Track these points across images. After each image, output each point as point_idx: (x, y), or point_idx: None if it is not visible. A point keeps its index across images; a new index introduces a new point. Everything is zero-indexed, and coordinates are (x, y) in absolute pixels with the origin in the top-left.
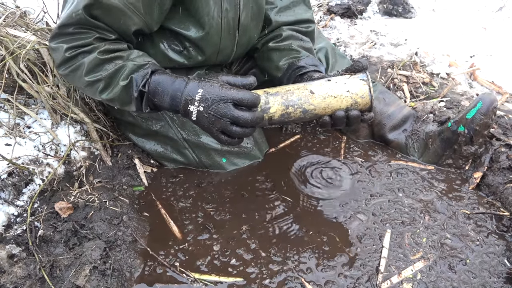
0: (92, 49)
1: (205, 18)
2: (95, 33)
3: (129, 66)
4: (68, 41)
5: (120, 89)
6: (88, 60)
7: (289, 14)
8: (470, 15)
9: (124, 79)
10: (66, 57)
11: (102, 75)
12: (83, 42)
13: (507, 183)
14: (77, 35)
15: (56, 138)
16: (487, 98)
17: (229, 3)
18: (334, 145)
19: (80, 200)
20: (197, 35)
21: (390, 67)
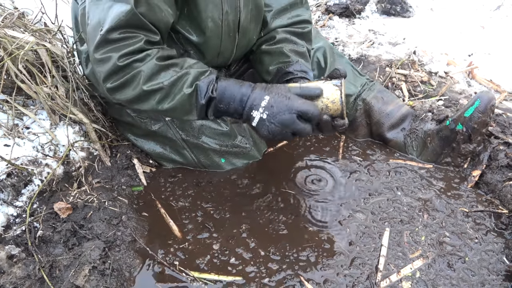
0: (145, 56)
1: (206, 22)
2: (142, 36)
3: (192, 73)
4: (118, 49)
5: (184, 97)
6: (147, 67)
7: (285, 17)
8: (468, 13)
9: (188, 86)
10: (119, 66)
11: (164, 84)
12: (134, 48)
13: (506, 181)
14: (126, 40)
15: (55, 139)
16: (485, 96)
17: (229, 5)
18: (332, 144)
19: (79, 201)
20: (199, 40)
21: (389, 66)
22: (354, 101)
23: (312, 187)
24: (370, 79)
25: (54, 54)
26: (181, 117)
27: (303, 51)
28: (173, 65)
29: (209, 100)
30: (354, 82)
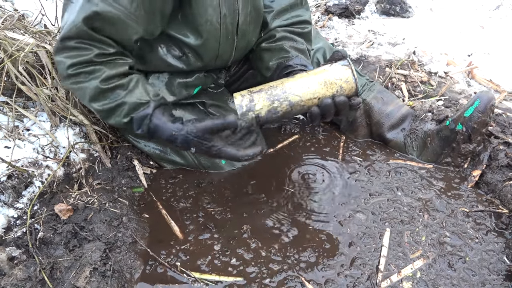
0: (92, 70)
1: (203, 25)
2: (95, 49)
3: (129, 103)
4: (70, 57)
5: (121, 123)
6: (90, 87)
7: (285, 17)
8: (468, 13)
9: (125, 116)
10: (69, 73)
11: (104, 108)
12: (83, 59)
13: (506, 180)
14: (78, 50)
15: (55, 140)
16: (485, 96)
17: (227, 8)
18: (333, 144)
19: (80, 202)
20: (196, 43)
21: (388, 67)
22: None
23: (312, 187)
24: (370, 80)
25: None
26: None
27: (303, 48)
28: (118, 86)
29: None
30: None
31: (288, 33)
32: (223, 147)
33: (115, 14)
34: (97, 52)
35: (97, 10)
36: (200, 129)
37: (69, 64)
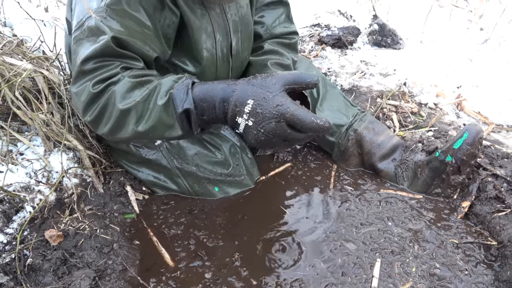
0: (120, 78)
1: (201, 52)
2: (119, 62)
3: (165, 83)
4: (93, 78)
5: (159, 109)
6: (119, 87)
7: (275, 29)
8: (457, 46)
9: (162, 97)
10: (93, 93)
11: (137, 100)
12: (109, 74)
13: (495, 212)
14: (101, 69)
15: (49, 165)
16: (473, 129)
17: (220, 33)
18: (324, 173)
19: (71, 228)
20: (196, 70)
21: (380, 97)
22: (346, 131)
23: (304, 216)
24: (362, 110)
25: (51, 81)
26: (166, 136)
27: (288, 64)
28: (147, 81)
29: (186, 111)
30: (346, 112)
31: (276, 45)
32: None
33: (136, 31)
34: (122, 65)
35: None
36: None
37: (94, 82)
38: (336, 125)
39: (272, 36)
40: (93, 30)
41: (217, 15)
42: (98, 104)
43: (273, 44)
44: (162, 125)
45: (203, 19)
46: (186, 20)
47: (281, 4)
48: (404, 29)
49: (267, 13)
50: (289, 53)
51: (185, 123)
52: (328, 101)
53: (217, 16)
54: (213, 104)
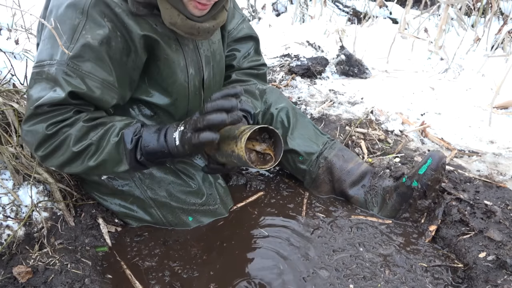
0: (74, 121)
1: (172, 86)
2: (73, 107)
3: (118, 125)
4: (47, 119)
5: (111, 146)
6: (75, 130)
7: (245, 61)
8: (419, 76)
9: (115, 136)
10: (47, 134)
11: (92, 139)
12: (63, 117)
13: (460, 235)
14: (54, 111)
15: (17, 199)
16: (436, 155)
17: (193, 67)
18: (296, 201)
19: (40, 264)
20: (166, 102)
21: (348, 125)
22: (316, 159)
23: (276, 244)
24: (331, 138)
25: (21, 114)
26: (112, 169)
27: (252, 90)
28: (102, 123)
29: (136, 143)
30: (316, 140)
31: (243, 75)
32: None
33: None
34: (75, 109)
35: (75, 90)
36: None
37: (48, 124)
38: (306, 153)
39: (241, 69)
40: (52, 78)
41: (191, 51)
42: (51, 143)
43: (240, 74)
44: (111, 159)
45: (177, 53)
46: (160, 54)
47: (251, 39)
48: (370, 59)
49: (238, 47)
50: (257, 82)
51: (133, 157)
52: (298, 130)
53: (191, 51)
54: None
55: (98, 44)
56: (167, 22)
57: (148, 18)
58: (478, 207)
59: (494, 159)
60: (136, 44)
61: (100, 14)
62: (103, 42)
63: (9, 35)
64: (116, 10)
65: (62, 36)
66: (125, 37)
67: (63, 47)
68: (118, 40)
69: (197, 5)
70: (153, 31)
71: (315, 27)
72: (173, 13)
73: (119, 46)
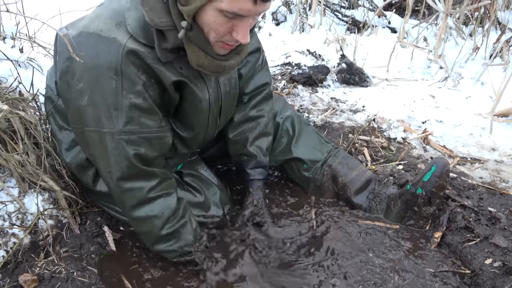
0: (153, 208)
1: (195, 121)
2: (145, 183)
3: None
4: (130, 198)
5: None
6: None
7: (249, 84)
8: (419, 84)
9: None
10: (148, 197)
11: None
12: (141, 198)
13: (465, 242)
14: (134, 191)
15: (23, 207)
16: (440, 162)
17: (214, 97)
18: (303, 206)
19: (46, 272)
20: (188, 135)
21: (351, 133)
22: (321, 167)
23: (287, 252)
24: (335, 146)
25: (27, 122)
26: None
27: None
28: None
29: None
30: (320, 148)
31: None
32: None
33: (152, 137)
34: (146, 189)
35: (139, 153)
36: None
37: (149, 189)
38: (311, 161)
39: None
40: (117, 150)
41: (212, 88)
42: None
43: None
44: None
45: (202, 89)
46: (187, 95)
47: (257, 52)
48: (370, 67)
49: (243, 64)
50: (264, 108)
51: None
52: (303, 138)
53: (212, 88)
54: None
55: (142, 99)
56: (194, 64)
57: (173, 63)
58: (482, 213)
59: (496, 166)
60: (169, 90)
61: (134, 70)
62: (145, 97)
63: (13, 43)
64: (147, 60)
65: (109, 103)
66: (160, 83)
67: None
68: (154, 87)
69: (224, 46)
70: (180, 75)
71: (315, 36)
72: (200, 55)
73: (156, 92)
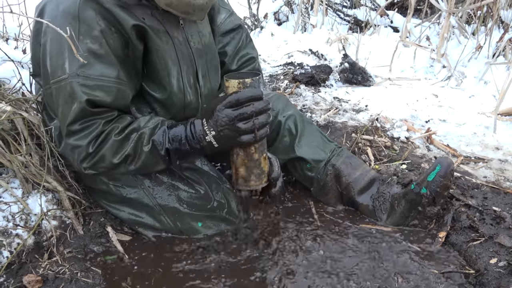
0: (106, 136)
1: (166, 78)
2: (100, 120)
3: (146, 132)
4: (83, 137)
5: (147, 154)
6: (110, 145)
7: (236, 60)
8: (422, 83)
9: (146, 144)
10: (88, 152)
11: (128, 151)
12: (96, 133)
13: (470, 241)
14: (87, 129)
15: (27, 208)
16: (445, 162)
17: (184, 60)
18: (304, 210)
19: (50, 272)
20: (162, 96)
21: (354, 132)
22: (324, 166)
23: (288, 254)
24: (339, 145)
25: (30, 122)
26: (153, 169)
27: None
28: (131, 131)
29: (167, 149)
30: (323, 148)
31: None
32: None
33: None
34: (103, 122)
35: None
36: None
37: (86, 143)
38: (314, 161)
39: (230, 71)
40: (70, 92)
41: (180, 43)
42: (93, 158)
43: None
44: (150, 164)
45: (167, 45)
46: (152, 47)
47: (239, 28)
48: (373, 67)
49: (228, 41)
50: None
51: (167, 159)
52: (306, 137)
53: (180, 44)
54: (184, 139)
55: (99, 45)
56: (163, 4)
57: (135, 11)
58: (487, 213)
59: (501, 165)
60: (130, 35)
61: (91, 14)
62: (102, 43)
63: (16, 44)
64: (105, 5)
65: (65, 48)
66: (120, 30)
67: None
68: (114, 36)
69: None
70: (141, 22)
71: (317, 36)
72: None
73: (117, 41)
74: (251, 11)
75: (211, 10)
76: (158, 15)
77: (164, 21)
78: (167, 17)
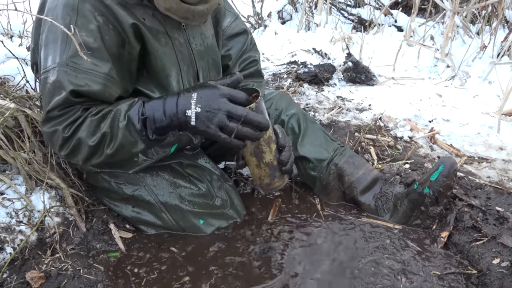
0: (84, 119)
1: (166, 79)
2: (79, 106)
3: (122, 108)
4: (60, 123)
5: (122, 131)
6: (86, 126)
7: (239, 63)
8: (426, 83)
9: (122, 120)
10: (64, 137)
11: (104, 129)
12: (73, 117)
13: (472, 241)
14: (65, 114)
15: (30, 204)
16: (448, 162)
17: (184, 61)
18: (309, 208)
19: (53, 269)
20: None
21: (357, 131)
22: (327, 166)
23: (293, 253)
24: (341, 144)
25: (33, 120)
26: (131, 151)
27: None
28: (108, 112)
29: (143, 122)
30: (326, 147)
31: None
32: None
33: (95, 81)
34: (82, 107)
35: (76, 89)
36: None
37: (63, 127)
38: (317, 160)
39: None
40: (56, 81)
41: (181, 45)
42: (70, 143)
43: None
44: (127, 143)
45: (167, 47)
46: (150, 48)
47: (244, 33)
48: (377, 66)
49: (232, 45)
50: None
51: (145, 135)
52: (309, 136)
53: (181, 45)
54: (163, 110)
55: (93, 39)
56: (162, 8)
57: (136, 11)
58: (490, 213)
59: (504, 165)
60: (128, 34)
61: (90, 8)
62: (97, 38)
63: (20, 41)
64: (106, 1)
65: (59, 38)
66: (117, 28)
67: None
68: (111, 33)
69: None
70: (140, 23)
71: (321, 35)
72: None
73: (113, 39)
74: (254, 10)
75: (217, 13)
76: (160, 16)
77: (165, 22)
78: (169, 18)
